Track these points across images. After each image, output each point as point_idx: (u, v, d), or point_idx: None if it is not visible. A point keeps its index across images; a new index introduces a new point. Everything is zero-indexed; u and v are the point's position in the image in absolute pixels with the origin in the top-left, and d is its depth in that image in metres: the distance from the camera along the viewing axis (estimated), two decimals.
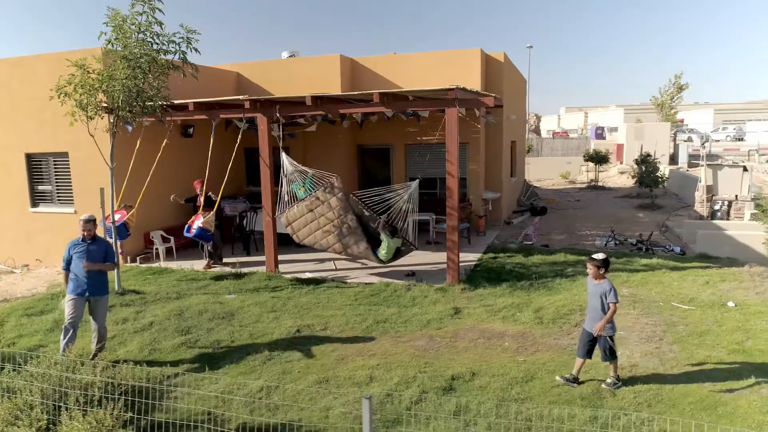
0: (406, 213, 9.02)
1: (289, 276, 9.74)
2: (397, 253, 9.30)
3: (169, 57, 8.15)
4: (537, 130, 72.03)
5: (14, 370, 4.55)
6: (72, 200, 11.39)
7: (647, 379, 5.55)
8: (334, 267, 10.38)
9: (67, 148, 11.09)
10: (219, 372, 6.06)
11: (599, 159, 23.66)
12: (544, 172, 29.24)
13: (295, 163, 9.45)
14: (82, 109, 7.90)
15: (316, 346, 6.67)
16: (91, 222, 6.21)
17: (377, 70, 13.94)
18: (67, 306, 6.04)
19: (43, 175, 11.73)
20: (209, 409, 5.15)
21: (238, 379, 5.88)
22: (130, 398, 4.14)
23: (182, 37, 8.08)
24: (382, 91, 8.49)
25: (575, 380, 5.46)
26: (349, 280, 9.42)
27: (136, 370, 4.42)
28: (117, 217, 9.92)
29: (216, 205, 10.17)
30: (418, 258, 10.85)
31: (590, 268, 5.34)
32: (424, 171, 14.27)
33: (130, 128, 10.68)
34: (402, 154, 14.30)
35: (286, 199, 9.44)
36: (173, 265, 10.75)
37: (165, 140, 10.33)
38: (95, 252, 6.18)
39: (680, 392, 5.29)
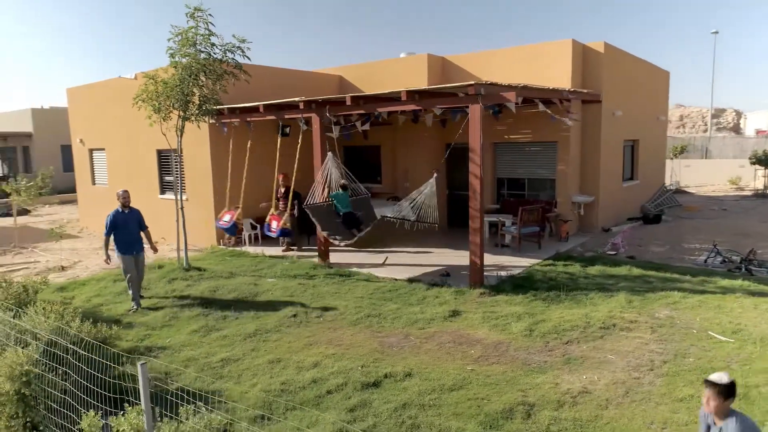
0: (422, 203, 9.09)
1: (334, 267, 10.31)
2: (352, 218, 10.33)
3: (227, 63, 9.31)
4: (736, 128, 61.92)
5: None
6: (185, 189, 13.46)
7: (586, 410, 4.89)
8: (382, 262, 10.67)
9: (183, 145, 13.12)
10: (204, 342, 6.89)
11: None
12: (708, 177, 25.39)
13: (341, 170, 10.07)
14: (156, 112, 9.45)
15: (298, 330, 7.13)
16: (127, 192, 8.14)
17: (466, 67, 13.75)
18: (123, 264, 8.10)
19: (168, 168, 14.05)
20: (167, 371, 5.99)
21: (212, 349, 6.65)
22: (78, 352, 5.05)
23: (235, 46, 9.17)
24: (407, 89, 8.55)
25: None
26: (382, 276, 9.64)
27: (85, 327, 5.40)
28: (228, 218, 11.81)
29: (280, 199, 11.32)
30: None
31: (706, 396, 3.21)
32: (513, 171, 13.75)
33: (225, 129, 12.34)
34: (490, 153, 13.87)
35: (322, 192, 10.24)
36: (253, 249, 12.09)
37: (249, 141, 11.68)
38: (133, 219, 8.05)
39: (612, 428, 4.58)
